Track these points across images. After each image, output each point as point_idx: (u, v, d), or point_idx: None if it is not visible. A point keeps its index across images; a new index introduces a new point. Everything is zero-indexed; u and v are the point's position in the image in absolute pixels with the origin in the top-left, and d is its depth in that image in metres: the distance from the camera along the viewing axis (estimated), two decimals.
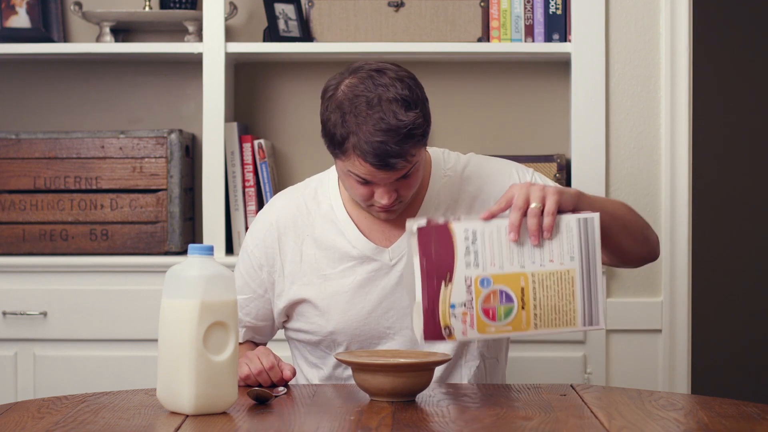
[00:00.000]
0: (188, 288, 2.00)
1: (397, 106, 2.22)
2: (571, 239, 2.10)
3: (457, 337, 2.07)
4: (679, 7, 3.31)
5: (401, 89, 2.24)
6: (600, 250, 2.11)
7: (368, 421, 1.99)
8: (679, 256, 3.31)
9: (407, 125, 2.21)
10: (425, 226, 2.07)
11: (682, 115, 3.31)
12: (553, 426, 1.96)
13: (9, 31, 3.42)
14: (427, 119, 2.28)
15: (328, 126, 2.27)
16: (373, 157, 2.22)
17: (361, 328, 2.40)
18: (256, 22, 3.53)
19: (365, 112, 2.22)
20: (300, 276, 2.43)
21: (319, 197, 2.47)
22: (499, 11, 3.35)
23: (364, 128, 2.22)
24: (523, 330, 2.08)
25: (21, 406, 2.11)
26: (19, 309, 3.29)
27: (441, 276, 2.07)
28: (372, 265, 2.40)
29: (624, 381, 3.29)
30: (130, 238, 3.32)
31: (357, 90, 2.25)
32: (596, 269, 2.10)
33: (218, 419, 1.99)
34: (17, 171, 3.34)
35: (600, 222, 2.11)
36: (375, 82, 2.25)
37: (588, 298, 2.10)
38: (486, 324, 2.07)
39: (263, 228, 2.47)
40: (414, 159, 2.26)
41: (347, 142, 2.24)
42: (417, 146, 2.25)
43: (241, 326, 2.48)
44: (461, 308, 2.07)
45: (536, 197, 2.11)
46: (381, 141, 2.21)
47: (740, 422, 1.97)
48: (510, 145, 3.51)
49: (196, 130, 3.53)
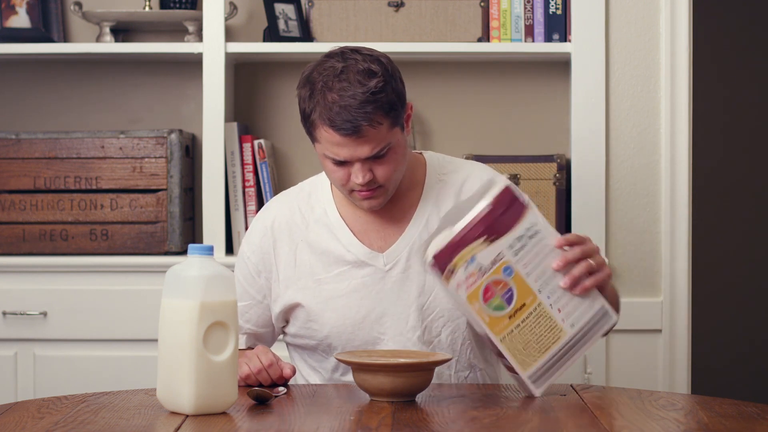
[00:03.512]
0: (188, 288, 2.00)
1: (362, 76, 2.27)
2: (585, 313, 2.15)
3: (449, 284, 2.09)
4: (679, 7, 3.31)
5: (370, 62, 2.29)
6: (594, 343, 2.16)
7: (368, 421, 1.99)
8: (679, 256, 3.31)
9: (369, 89, 2.25)
10: (516, 192, 2.11)
11: (682, 115, 3.31)
12: (553, 426, 1.96)
13: (9, 31, 3.42)
14: (397, 93, 2.30)
15: (300, 104, 2.32)
16: (337, 122, 2.24)
17: (355, 333, 2.39)
18: (256, 22, 3.53)
19: (331, 82, 2.27)
20: (294, 280, 2.42)
21: (312, 202, 2.47)
22: (499, 11, 3.35)
23: (329, 96, 2.26)
24: (494, 332, 2.12)
25: (21, 406, 2.11)
26: (19, 309, 3.29)
27: (488, 233, 2.10)
28: (366, 270, 2.39)
29: (624, 381, 3.29)
30: (130, 238, 3.32)
31: (326, 64, 2.30)
32: (578, 352, 2.15)
33: (218, 419, 1.99)
34: (17, 171, 3.34)
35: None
36: (345, 57, 2.30)
37: (551, 364, 2.15)
38: (477, 299, 2.10)
39: (259, 234, 2.47)
40: (382, 130, 2.27)
41: (314, 113, 2.28)
42: (382, 114, 2.26)
43: (241, 333, 2.48)
44: (475, 268, 2.09)
45: (597, 260, 2.18)
46: (343, 105, 2.24)
47: (740, 422, 1.97)
48: (510, 145, 3.51)
49: (196, 130, 3.53)
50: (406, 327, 2.38)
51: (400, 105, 2.31)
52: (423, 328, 2.38)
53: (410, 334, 2.38)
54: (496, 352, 2.13)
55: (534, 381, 2.13)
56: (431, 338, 2.39)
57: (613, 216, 3.33)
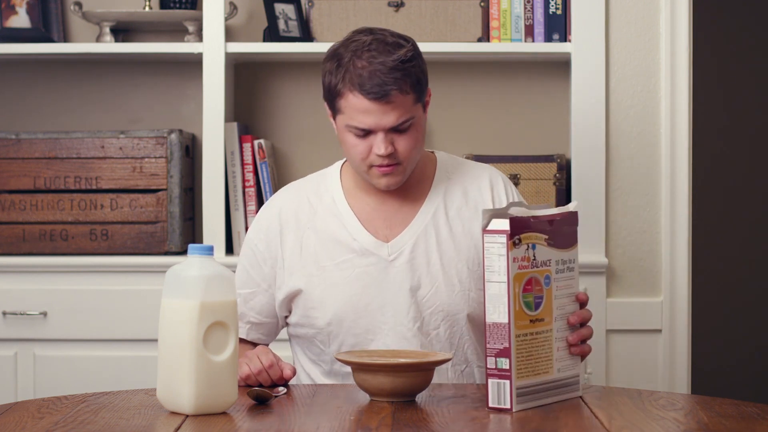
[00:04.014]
0: (188, 288, 2.00)
1: (391, 47, 2.32)
2: (569, 369, 2.17)
3: (510, 252, 2.05)
4: (679, 7, 3.31)
5: (398, 38, 2.35)
6: (548, 402, 2.14)
7: (368, 421, 1.99)
8: (679, 256, 3.31)
9: (400, 57, 2.30)
10: (577, 221, 2.19)
11: (682, 115, 3.31)
12: (553, 426, 1.96)
13: (9, 31, 3.42)
14: (423, 70, 2.36)
15: (325, 76, 2.36)
16: (367, 86, 2.28)
17: (357, 321, 2.40)
18: (256, 22, 3.53)
19: (360, 52, 2.31)
20: (299, 267, 2.43)
21: (321, 191, 2.49)
22: (499, 11, 3.35)
23: (358, 63, 2.30)
24: (515, 326, 2.06)
25: (21, 406, 2.11)
26: (19, 309, 3.29)
27: (551, 236, 2.12)
28: (370, 259, 2.41)
29: (624, 381, 3.29)
30: (130, 238, 3.32)
31: (353, 38, 2.35)
32: (543, 399, 2.12)
33: (218, 419, 1.99)
34: (17, 171, 3.34)
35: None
36: (373, 31, 2.36)
37: (536, 390, 2.11)
38: (520, 284, 2.07)
39: (266, 221, 2.49)
40: (408, 100, 2.31)
41: (341, 82, 2.31)
42: (410, 84, 2.31)
43: (244, 322, 2.49)
44: (531, 256, 2.09)
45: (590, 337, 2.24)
46: (373, 70, 2.29)
47: (740, 422, 1.97)
48: (510, 145, 3.51)
49: (196, 130, 3.53)
50: (407, 317, 2.39)
51: (424, 82, 2.37)
52: (422, 320, 2.39)
53: (410, 324, 2.39)
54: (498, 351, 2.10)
55: (518, 396, 2.07)
56: (429, 330, 2.40)
57: (613, 216, 3.34)
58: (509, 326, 2.05)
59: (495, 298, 2.07)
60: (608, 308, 3.30)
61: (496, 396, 2.06)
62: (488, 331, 2.06)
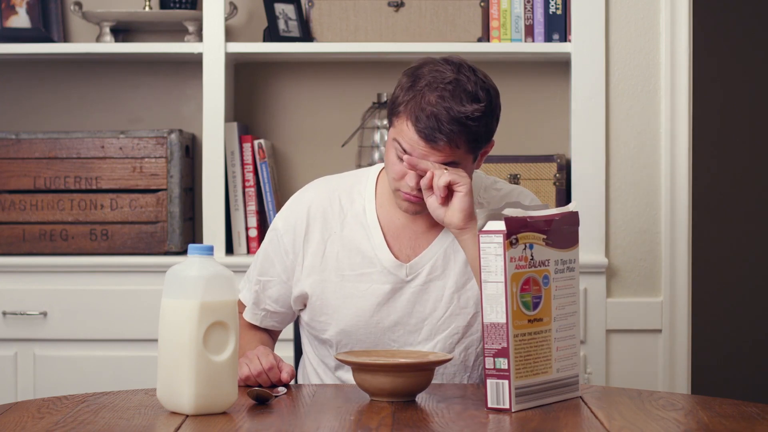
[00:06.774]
0: (188, 288, 2.00)
1: (466, 96, 2.26)
2: (568, 369, 2.17)
3: (507, 252, 2.05)
4: (679, 7, 3.31)
5: (480, 88, 2.29)
6: (547, 402, 2.14)
7: (368, 421, 1.99)
8: (679, 256, 3.31)
9: (465, 113, 2.25)
10: (578, 221, 2.20)
11: (682, 114, 3.31)
12: (552, 426, 1.96)
13: (9, 31, 3.42)
14: (487, 129, 2.30)
15: (397, 86, 2.32)
16: (421, 124, 2.25)
17: (367, 335, 2.39)
18: (256, 22, 3.53)
19: (435, 84, 2.26)
20: (319, 271, 2.42)
21: (354, 194, 2.46)
22: (499, 11, 3.35)
23: (427, 95, 2.26)
24: (513, 326, 2.06)
25: (21, 406, 2.11)
26: (19, 309, 3.29)
27: (549, 236, 2.11)
28: (388, 278, 2.39)
29: (624, 381, 3.29)
30: (130, 238, 3.33)
31: (439, 67, 2.30)
32: (541, 400, 2.12)
33: (218, 419, 1.99)
34: (17, 171, 3.34)
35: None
36: (460, 70, 2.30)
37: (534, 390, 2.10)
38: (517, 284, 2.06)
39: (295, 215, 2.46)
40: (456, 152, 2.27)
41: (404, 105, 2.27)
42: (465, 140, 2.26)
43: (260, 308, 2.49)
44: (529, 255, 2.09)
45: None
46: (434, 112, 2.24)
47: (740, 422, 1.97)
48: (510, 145, 3.51)
49: (196, 130, 3.53)
50: (417, 339, 2.39)
51: (484, 139, 2.31)
52: (435, 342, 2.38)
53: (420, 346, 2.39)
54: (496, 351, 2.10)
55: (517, 396, 2.08)
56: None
57: (613, 216, 3.33)
58: (507, 326, 2.05)
59: (492, 298, 2.07)
60: (608, 308, 3.30)
61: (495, 396, 2.06)
62: (486, 331, 2.06)
